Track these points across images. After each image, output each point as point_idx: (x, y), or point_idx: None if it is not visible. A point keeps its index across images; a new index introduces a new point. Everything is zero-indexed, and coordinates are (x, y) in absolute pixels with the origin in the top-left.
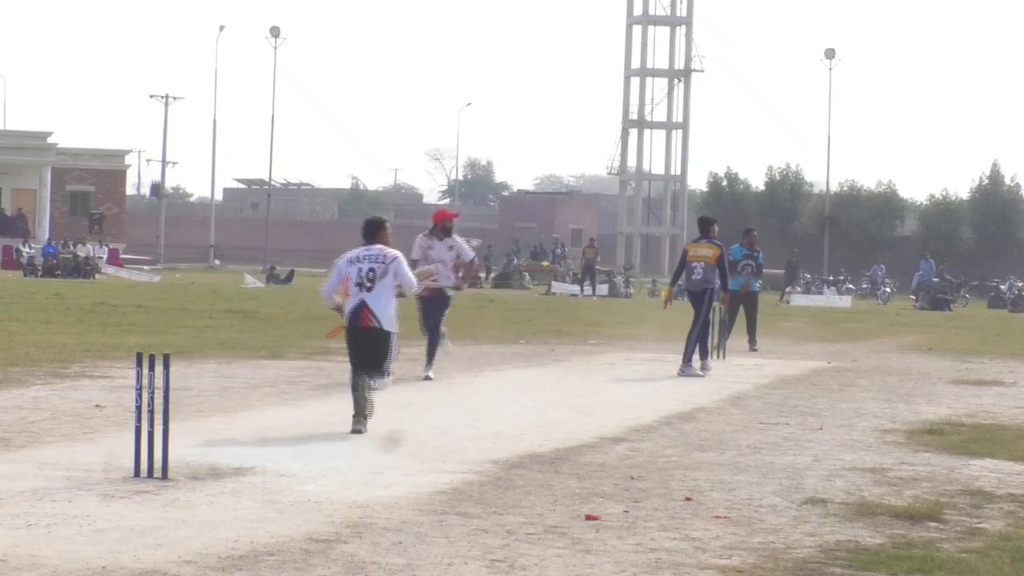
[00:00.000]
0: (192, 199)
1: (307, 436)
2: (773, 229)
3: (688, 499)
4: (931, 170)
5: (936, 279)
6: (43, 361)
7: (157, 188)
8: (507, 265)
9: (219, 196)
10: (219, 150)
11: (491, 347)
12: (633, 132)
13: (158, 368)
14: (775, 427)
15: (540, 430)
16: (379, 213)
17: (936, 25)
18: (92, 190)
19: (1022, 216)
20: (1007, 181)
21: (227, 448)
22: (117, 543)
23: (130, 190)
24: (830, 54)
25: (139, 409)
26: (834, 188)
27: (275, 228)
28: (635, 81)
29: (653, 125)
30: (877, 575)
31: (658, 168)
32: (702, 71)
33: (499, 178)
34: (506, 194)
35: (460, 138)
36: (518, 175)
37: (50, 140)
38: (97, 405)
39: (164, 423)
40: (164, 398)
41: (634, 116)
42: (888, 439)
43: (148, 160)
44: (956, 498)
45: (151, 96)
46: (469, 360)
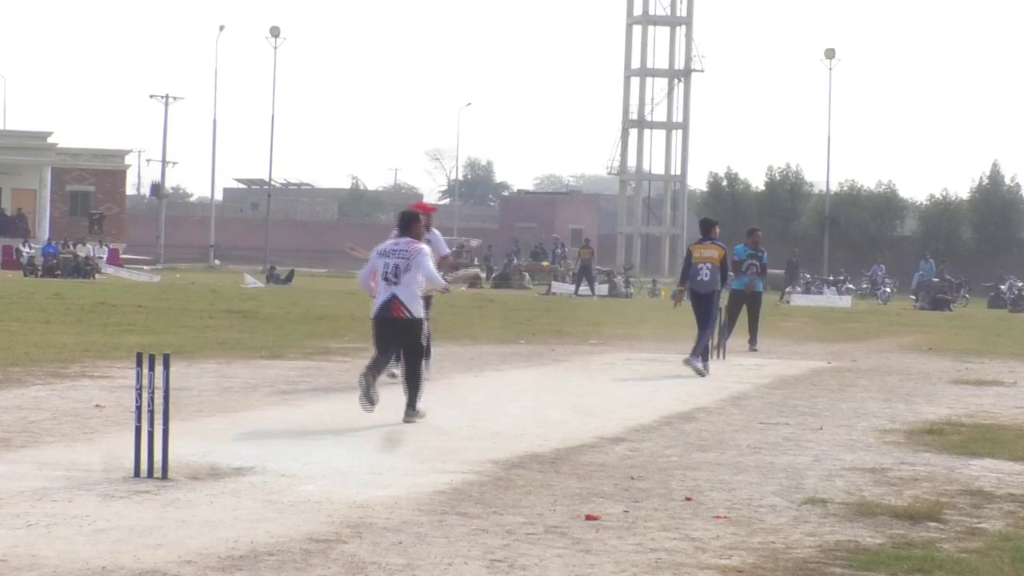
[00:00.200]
0: (192, 199)
1: (307, 436)
2: (773, 229)
3: (688, 499)
4: (931, 170)
5: (936, 279)
6: (43, 361)
7: (157, 188)
8: (507, 265)
9: (219, 196)
10: (219, 150)
11: (491, 347)
12: (633, 132)
13: (158, 368)
14: (775, 427)
15: (540, 430)
16: (380, 212)
17: (936, 25)
18: (92, 190)
19: (1022, 216)
20: (1007, 181)
21: (227, 448)
22: (117, 543)
23: (130, 190)
24: (830, 54)
25: (139, 409)
26: (834, 188)
27: (275, 228)
28: (635, 81)
29: (653, 125)
30: (877, 575)
31: (658, 168)
32: (702, 71)
33: (499, 178)
34: (506, 194)
35: (460, 138)
36: (518, 175)
37: (50, 140)
38: (97, 405)
39: (164, 423)
40: (164, 398)
41: (634, 116)
42: (888, 439)
43: (148, 160)
44: (956, 498)
45: (151, 96)
46: (469, 360)
